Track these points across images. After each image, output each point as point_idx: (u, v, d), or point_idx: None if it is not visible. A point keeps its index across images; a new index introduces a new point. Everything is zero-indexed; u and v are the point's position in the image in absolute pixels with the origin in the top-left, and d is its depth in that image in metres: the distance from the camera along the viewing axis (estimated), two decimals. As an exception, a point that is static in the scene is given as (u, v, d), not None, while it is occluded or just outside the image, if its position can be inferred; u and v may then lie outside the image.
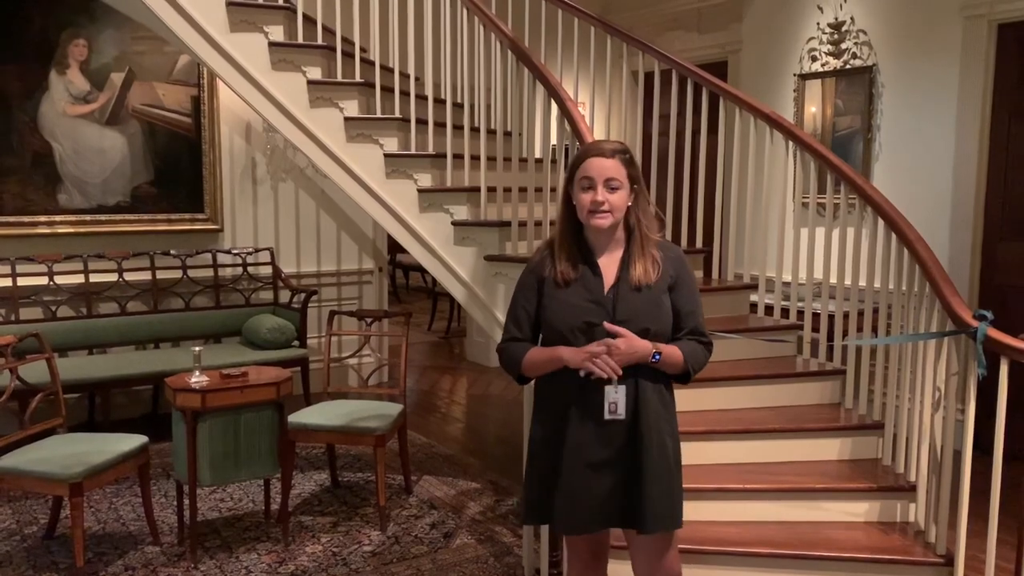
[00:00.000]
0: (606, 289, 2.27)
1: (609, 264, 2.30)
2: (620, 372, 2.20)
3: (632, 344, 2.21)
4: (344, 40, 4.12)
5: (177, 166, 5.69)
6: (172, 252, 5.60)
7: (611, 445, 2.27)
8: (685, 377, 2.34)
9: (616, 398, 2.23)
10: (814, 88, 5.68)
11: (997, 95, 4.80)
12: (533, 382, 2.43)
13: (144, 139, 5.57)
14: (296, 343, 5.55)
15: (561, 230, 2.35)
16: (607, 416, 2.24)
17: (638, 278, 2.26)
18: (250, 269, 5.90)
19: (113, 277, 5.38)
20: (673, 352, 2.27)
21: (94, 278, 5.32)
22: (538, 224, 3.69)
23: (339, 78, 4.06)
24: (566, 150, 3.64)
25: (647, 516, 2.27)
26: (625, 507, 2.30)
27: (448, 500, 4.28)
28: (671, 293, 2.31)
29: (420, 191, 3.98)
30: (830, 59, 5.57)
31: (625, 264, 2.29)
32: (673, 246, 2.45)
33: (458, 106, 4.11)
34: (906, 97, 5.19)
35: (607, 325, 2.22)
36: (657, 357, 2.24)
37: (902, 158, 5.21)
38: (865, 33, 5.37)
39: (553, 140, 3.69)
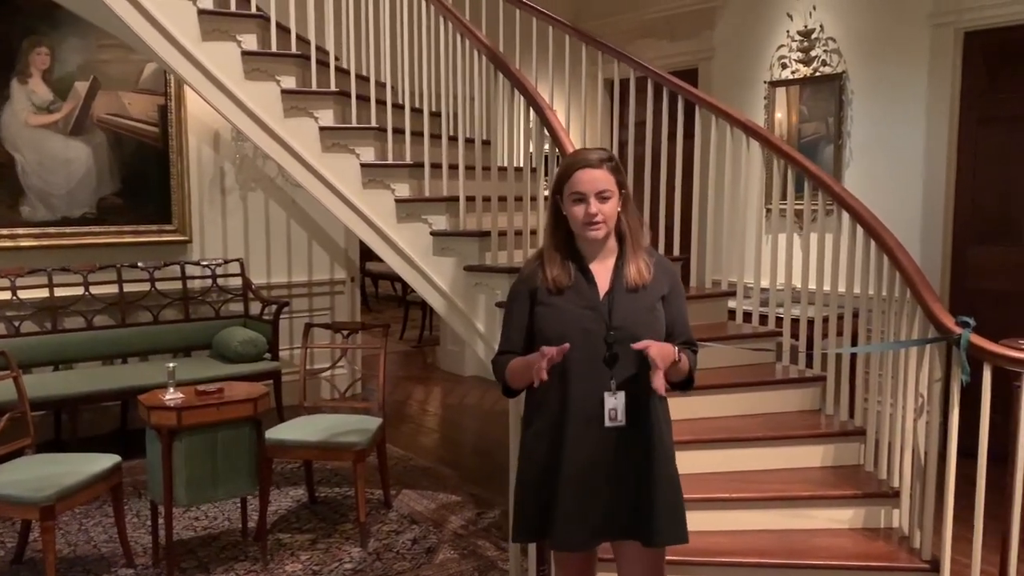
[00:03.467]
0: (601, 295, 2.25)
1: (602, 271, 2.28)
2: (544, 377, 2.08)
3: (662, 348, 2.16)
4: (318, 49, 4.06)
5: (144, 176, 5.57)
6: (140, 264, 5.47)
7: (614, 454, 2.23)
8: (687, 384, 2.33)
9: (615, 404, 2.20)
10: (784, 95, 5.73)
11: (964, 101, 4.88)
12: (524, 394, 2.38)
13: (110, 149, 5.44)
14: (268, 356, 5.46)
15: (551, 239, 2.32)
16: (608, 423, 2.20)
17: (633, 279, 2.24)
18: (220, 281, 5.79)
19: (79, 291, 5.25)
20: (684, 357, 2.27)
21: (59, 292, 5.18)
22: (518, 234, 3.65)
23: (314, 87, 4.01)
24: (545, 158, 3.62)
25: (657, 529, 2.24)
26: (629, 519, 2.26)
27: (428, 514, 4.23)
28: (664, 303, 2.29)
29: (398, 201, 3.93)
30: (800, 66, 5.62)
31: (619, 270, 2.27)
32: (660, 255, 2.43)
33: (435, 115, 4.08)
34: (875, 104, 5.25)
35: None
36: (680, 357, 2.21)
37: (872, 164, 5.27)
38: (834, 41, 5.42)
39: (531, 148, 3.66)
